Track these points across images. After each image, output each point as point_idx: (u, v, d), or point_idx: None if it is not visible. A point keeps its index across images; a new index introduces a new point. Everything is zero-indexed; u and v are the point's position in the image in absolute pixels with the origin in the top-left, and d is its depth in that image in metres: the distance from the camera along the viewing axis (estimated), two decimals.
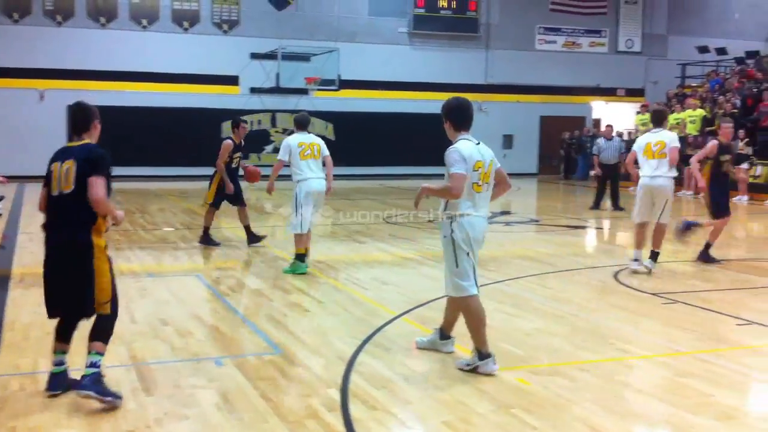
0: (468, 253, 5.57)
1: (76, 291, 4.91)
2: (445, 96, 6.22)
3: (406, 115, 27.56)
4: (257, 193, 21.74)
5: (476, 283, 5.69)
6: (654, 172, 9.43)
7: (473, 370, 5.58)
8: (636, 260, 9.63)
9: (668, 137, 9.48)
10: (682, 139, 22.73)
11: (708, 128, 22.62)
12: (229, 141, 11.40)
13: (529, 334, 6.75)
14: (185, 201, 18.55)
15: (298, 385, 5.36)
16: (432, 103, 27.72)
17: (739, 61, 27.78)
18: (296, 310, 7.59)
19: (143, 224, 13.78)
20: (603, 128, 19.55)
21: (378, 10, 27.71)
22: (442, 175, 5.65)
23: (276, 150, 11.55)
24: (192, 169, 24.89)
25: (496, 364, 5.58)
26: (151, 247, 11.39)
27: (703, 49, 28.29)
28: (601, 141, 17.92)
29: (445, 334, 6.13)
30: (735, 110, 23.18)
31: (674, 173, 9.49)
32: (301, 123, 9.68)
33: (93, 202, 4.84)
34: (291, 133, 10.12)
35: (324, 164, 9.62)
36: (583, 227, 15.10)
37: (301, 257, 9.38)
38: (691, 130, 22.84)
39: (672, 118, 23.72)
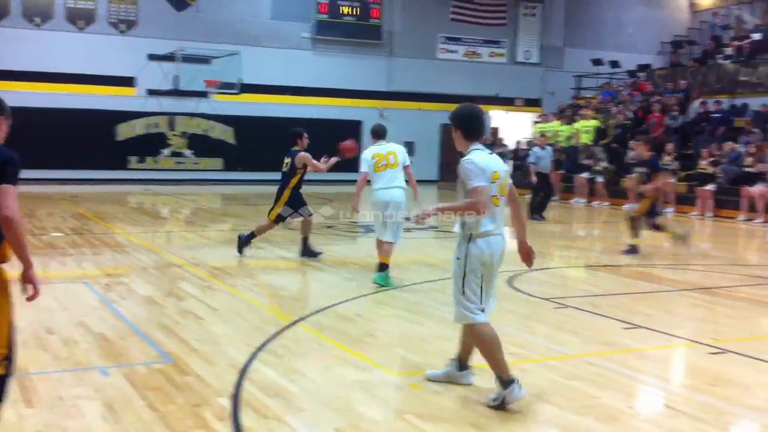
0: (480, 277, 5.09)
1: None
2: (348, 102, 6.20)
3: (309, 120, 27.44)
4: (153, 199, 21.27)
5: (485, 309, 5.19)
6: None
7: (503, 404, 5.00)
8: None
9: None
10: (575, 149, 23.43)
11: (602, 141, 23.39)
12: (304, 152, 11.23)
13: (425, 339, 6.79)
14: (76, 205, 17.92)
15: (188, 394, 5.22)
16: (335, 108, 27.80)
17: (632, 73, 28.84)
18: (189, 318, 7.42)
19: (31, 229, 13.25)
20: (514, 137, 19.74)
21: (281, 14, 27.54)
22: (350, 180, 5.61)
23: (174, 154, 11.30)
24: (85, 173, 24.14)
25: (523, 388, 5.03)
26: (38, 252, 10.95)
27: (597, 62, 29.24)
28: (537, 150, 17.90)
29: (463, 364, 5.53)
30: (627, 121, 24.04)
31: None
32: (377, 133, 9.67)
33: (2, 219, 3.91)
34: (191, 137, 9.97)
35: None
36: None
37: (381, 267, 9.12)
38: (585, 139, 23.56)
39: (567, 128, 24.44)
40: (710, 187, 19.14)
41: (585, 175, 22.49)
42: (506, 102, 30.54)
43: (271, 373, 5.69)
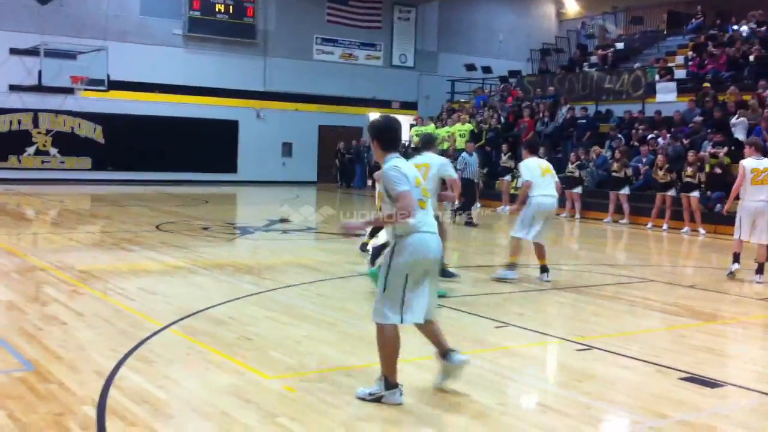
0: (406, 277, 5.10)
1: None
2: (223, 101, 6.08)
3: (181, 119, 26.88)
4: (17, 199, 20.24)
5: (409, 318, 5.20)
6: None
7: (377, 400, 5.13)
8: None
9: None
10: (444, 152, 23.84)
11: (478, 143, 23.92)
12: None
13: (299, 341, 6.72)
14: None
15: (51, 403, 4.97)
16: (210, 108, 27.28)
17: (503, 79, 29.67)
18: (53, 324, 7.07)
19: None
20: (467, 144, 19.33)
21: (150, 10, 26.83)
22: (219, 181, 5.48)
23: (39, 152, 10.75)
24: None
25: (403, 395, 5.14)
26: None
27: (470, 67, 29.93)
28: (466, 156, 17.76)
29: (444, 351, 5.48)
30: (498, 125, 24.70)
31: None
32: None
33: None
34: (56, 135, 9.50)
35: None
36: (359, 235, 15.36)
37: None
38: (461, 143, 24.01)
39: (443, 131, 24.87)
40: (578, 189, 19.90)
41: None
42: (383, 104, 30.81)
43: (139, 379, 5.49)
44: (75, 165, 25.89)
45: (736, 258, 10.84)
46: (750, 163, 10.56)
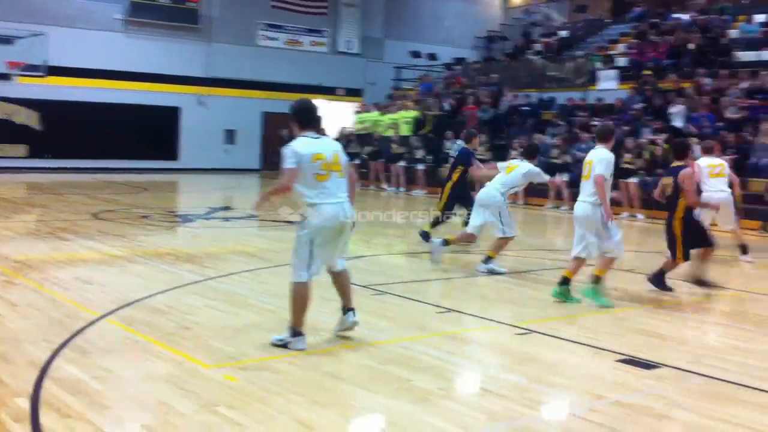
0: (311, 242, 5.94)
1: None
2: (165, 87, 6.00)
3: (121, 105, 26.35)
4: None
5: (313, 272, 6.03)
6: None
7: (284, 346, 5.96)
8: None
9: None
10: (389, 138, 23.84)
11: (422, 130, 24.00)
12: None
13: (239, 329, 6.65)
14: None
15: None
16: (151, 94, 26.81)
17: (448, 66, 29.75)
18: None
19: None
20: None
21: None
22: (160, 169, 5.39)
23: None
24: None
25: (305, 344, 5.98)
26: None
27: (416, 54, 29.96)
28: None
29: (344, 307, 6.36)
30: (444, 112, 24.78)
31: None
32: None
33: None
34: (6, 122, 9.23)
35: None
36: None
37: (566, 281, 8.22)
38: (405, 130, 24.06)
39: (388, 118, 24.87)
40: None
41: (402, 164, 22.96)
42: (328, 91, 30.64)
43: (74, 370, 5.37)
44: (10, 153, 25.21)
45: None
46: (705, 160, 11.25)
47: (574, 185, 19.05)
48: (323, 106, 31.14)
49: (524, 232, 14.98)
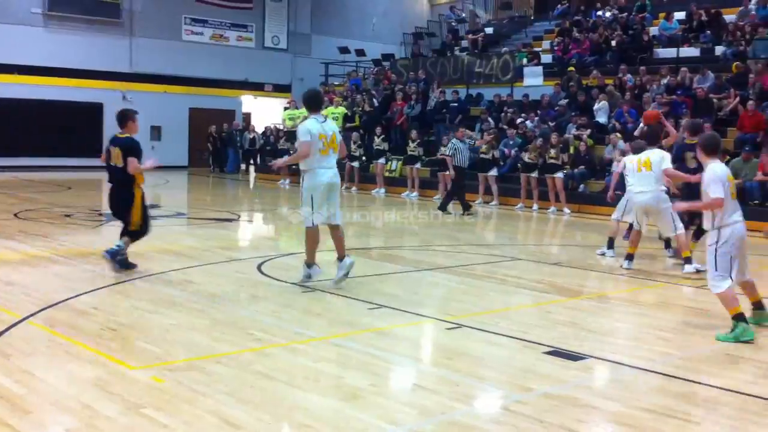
0: (312, 197, 8.14)
1: None
2: (87, 83, 5.81)
3: (41, 102, 25.62)
4: None
5: (316, 218, 8.21)
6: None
7: (308, 278, 8.41)
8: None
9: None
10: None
11: (348, 124, 23.95)
12: None
13: (167, 330, 6.52)
14: None
15: None
16: (73, 90, 26.13)
17: (376, 62, 29.76)
18: None
19: None
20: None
21: None
22: (84, 167, 5.22)
23: None
24: None
25: (320, 270, 8.46)
26: None
27: (344, 50, 29.87)
28: (456, 142, 17.09)
29: (339, 256, 8.44)
30: (371, 109, 24.77)
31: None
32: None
33: None
34: None
35: None
36: (232, 220, 15.13)
37: (758, 305, 7.37)
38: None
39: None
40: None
41: None
42: (256, 87, 30.37)
43: None
44: None
45: (611, 243, 11.33)
46: (630, 156, 11.26)
47: (504, 180, 19.37)
48: (251, 102, 30.90)
49: (454, 228, 15.13)
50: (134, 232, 9.06)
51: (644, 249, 11.34)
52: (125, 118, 9.40)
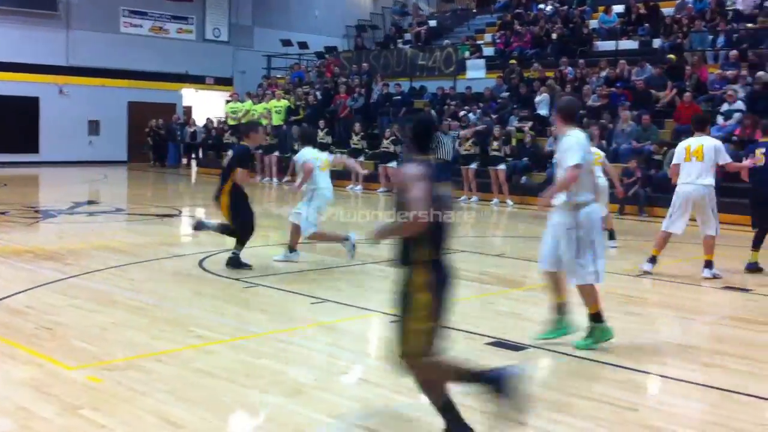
0: (318, 208, 9.69)
1: None
2: (22, 77, 5.63)
3: None
4: None
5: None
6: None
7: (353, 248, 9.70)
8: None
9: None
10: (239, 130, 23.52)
11: (293, 117, 23.80)
12: None
13: (105, 329, 6.40)
14: None
15: None
16: (6, 84, 25.43)
17: (320, 55, 29.62)
18: None
19: None
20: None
21: None
22: (19, 162, 5.07)
23: None
24: None
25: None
26: None
27: (287, 43, 29.64)
28: (440, 135, 16.49)
29: (342, 237, 9.80)
30: (315, 102, 24.67)
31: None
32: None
33: None
34: None
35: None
36: (173, 215, 14.91)
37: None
38: (277, 120, 23.81)
39: (260, 107, 24.54)
40: (393, 164, 20.24)
41: (276, 154, 22.74)
42: (196, 80, 29.98)
43: None
44: None
45: None
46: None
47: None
48: (192, 95, 30.49)
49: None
50: (237, 235, 9.15)
51: None
52: (248, 130, 9.79)
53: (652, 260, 9.44)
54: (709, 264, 9.22)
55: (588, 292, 6.06)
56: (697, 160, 8.92)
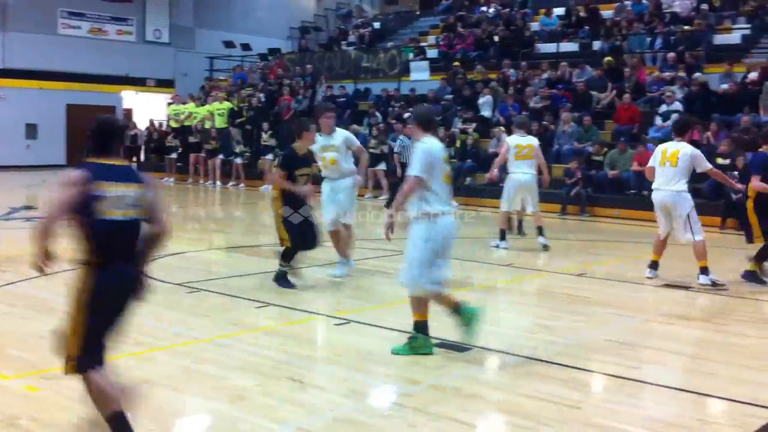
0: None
1: None
2: None
3: None
4: None
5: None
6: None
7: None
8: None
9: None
10: (204, 131, 23.28)
11: (238, 120, 23.59)
12: None
13: (43, 336, 6.18)
14: None
15: None
16: None
17: (263, 57, 29.42)
18: None
19: None
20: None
21: None
22: None
23: None
24: None
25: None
26: None
27: (229, 44, 29.37)
28: (404, 139, 15.56)
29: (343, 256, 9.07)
30: (260, 104, 24.49)
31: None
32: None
33: None
34: None
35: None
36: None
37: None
38: (220, 122, 23.56)
39: (203, 109, 24.26)
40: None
41: (220, 157, 22.52)
42: (137, 82, 29.49)
43: None
44: None
45: (503, 234, 11.47)
46: (514, 139, 11.28)
47: (390, 174, 19.45)
48: (132, 97, 29.98)
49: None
50: (288, 250, 8.31)
51: (516, 238, 11.63)
52: (300, 129, 8.39)
53: (653, 265, 9.24)
54: (704, 270, 8.81)
55: (420, 300, 5.92)
56: (671, 166, 8.79)
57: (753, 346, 6.50)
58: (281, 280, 8.38)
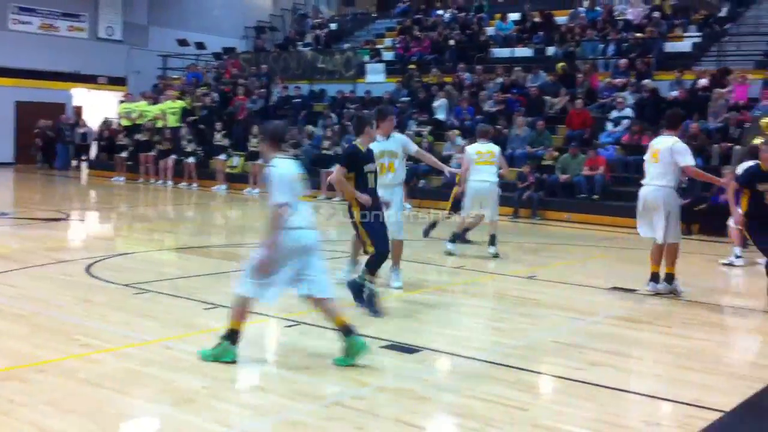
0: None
1: None
2: None
3: None
4: None
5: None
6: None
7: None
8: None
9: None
10: (155, 130, 23.00)
11: (190, 118, 23.33)
12: None
13: None
14: None
15: None
16: None
17: (217, 56, 29.17)
18: None
19: None
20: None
21: None
22: None
23: None
24: None
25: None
26: None
27: (183, 42, 29.05)
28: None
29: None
30: (213, 104, 24.28)
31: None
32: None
33: None
34: None
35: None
36: (60, 219, 14.37)
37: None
38: (173, 121, 23.30)
39: (156, 108, 23.96)
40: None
41: (173, 156, 22.26)
42: (89, 80, 29.01)
43: None
44: None
45: (463, 237, 11.52)
46: (474, 147, 11.22)
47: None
48: (83, 95, 29.49)
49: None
50: (373, 258, 7.57)
51: (472, 242, 11.70)
52: (361, 126, 7.77)
53: (654, 278, 8.75)
54: (669, 277, 8.60)
55: (240, 308, 5.70)
56: (654, 162, 8.57)
57: (697, 348, 6.61)
58: (369, 303, 7.41)
